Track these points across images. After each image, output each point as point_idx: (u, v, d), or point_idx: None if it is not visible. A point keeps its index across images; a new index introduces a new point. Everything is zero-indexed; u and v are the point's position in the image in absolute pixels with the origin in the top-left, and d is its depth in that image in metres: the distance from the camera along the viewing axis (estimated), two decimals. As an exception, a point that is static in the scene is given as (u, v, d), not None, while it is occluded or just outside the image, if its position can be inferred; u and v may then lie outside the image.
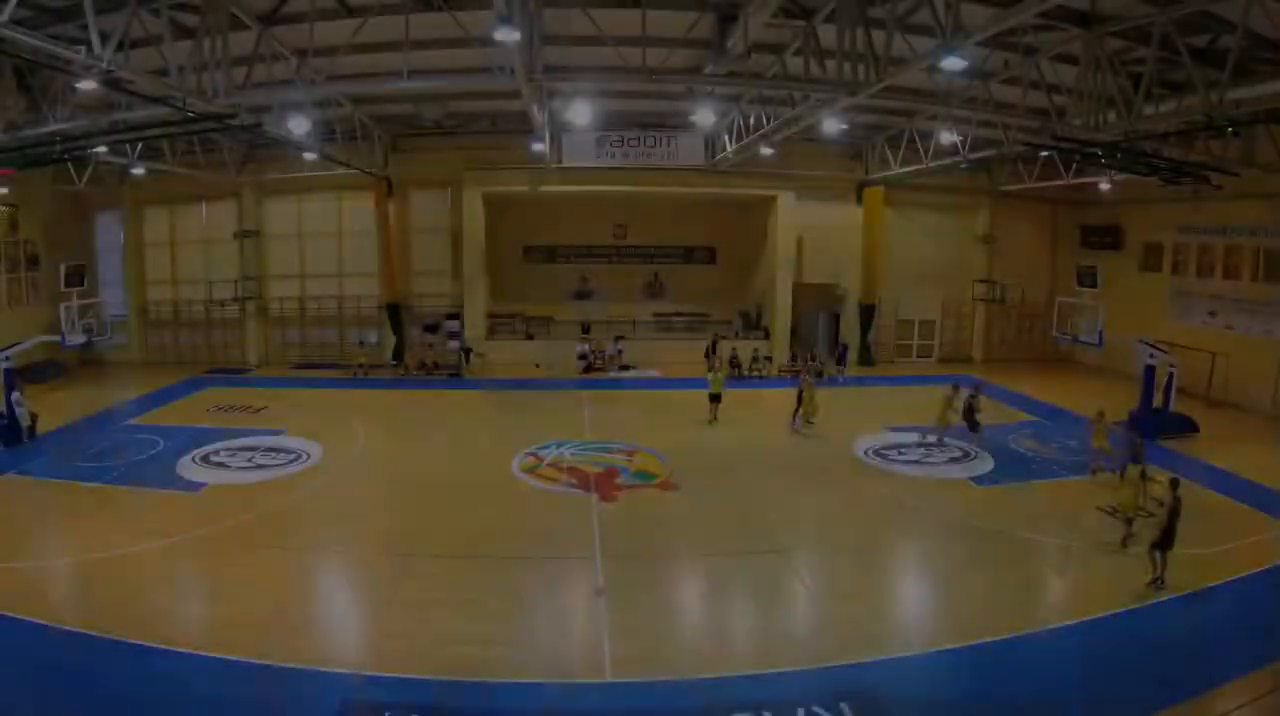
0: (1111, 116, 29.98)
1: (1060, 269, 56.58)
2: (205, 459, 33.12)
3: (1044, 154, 39.47)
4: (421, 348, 55.44)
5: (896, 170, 49.78)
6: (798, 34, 28.65)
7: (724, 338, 55.26)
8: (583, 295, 63.27)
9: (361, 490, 29.81)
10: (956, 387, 35.90)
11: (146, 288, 57.51)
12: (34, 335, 41.58)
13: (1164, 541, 21.59)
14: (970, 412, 35.77)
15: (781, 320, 56.46)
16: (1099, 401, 34.31)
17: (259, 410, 41.88)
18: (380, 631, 19.52)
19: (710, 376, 40.72)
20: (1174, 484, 22.20)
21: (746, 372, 51.71)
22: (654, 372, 53.17)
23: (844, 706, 16.05)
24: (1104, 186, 47.46)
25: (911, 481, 30.91)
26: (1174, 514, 21.54)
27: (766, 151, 42.63)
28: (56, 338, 38.69)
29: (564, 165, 49.30)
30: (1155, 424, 36.25)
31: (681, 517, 27.28)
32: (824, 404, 39.91)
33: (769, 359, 53.66)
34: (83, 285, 39.19)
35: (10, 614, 19.73)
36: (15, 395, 35.31)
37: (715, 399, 40.03)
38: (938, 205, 57.25)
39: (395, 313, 55.92)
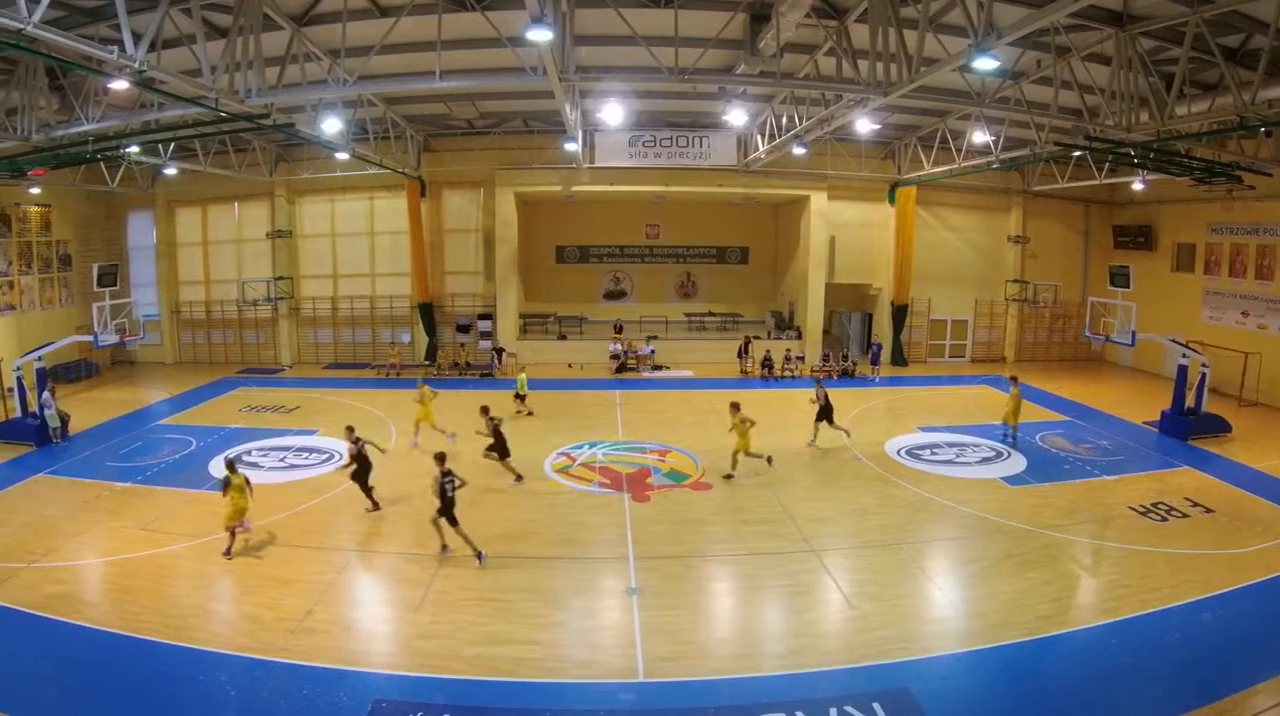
0: (1144, 116, 29.96)
1: (1093, 269, 56.72)
2: (237, 459, 33.17)
3: (1076, 154, 39.27)
4: (454, 348, 55.53)
5: (929, 170, 49.67)
6: (830, 34, 28.67)
7: (756, 338, 55.34)
8: (615, 295, 63.52)
9: (393, 490, 29.59)
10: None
11: (179, 288, 57.83)
12: (67, 335, 41.92)
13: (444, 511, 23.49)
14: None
15: (814, 320, 56.42)
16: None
17: (291, 410, 42.05)
18: (413, 631, 19.52)
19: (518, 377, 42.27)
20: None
21: (779, 373, 51.54)
22: (687, 373, 53.17)
23: (876, 706, 16.05)
24: (1136, 186, 47.30)
25: (944, 481, 30.81)
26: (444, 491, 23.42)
27: (799, 151, 42.48)
28: (89, 338, 38.76)
29: (596, 165, 49.52)
30: (1188, 424, 36.22)
31: (714, 518, 27.22)
32: (856, 404, 39.98)
33: (801, 359, 53.48)
34: (115, 285, 39.40)
35: (43, 613, 19.95)
36: (45, 396, 35.61)
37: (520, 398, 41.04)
38: (970, 205, 57.08)
39: (428, 313, 56.09)
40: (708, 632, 19.83)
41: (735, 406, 31.23)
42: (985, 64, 21.18)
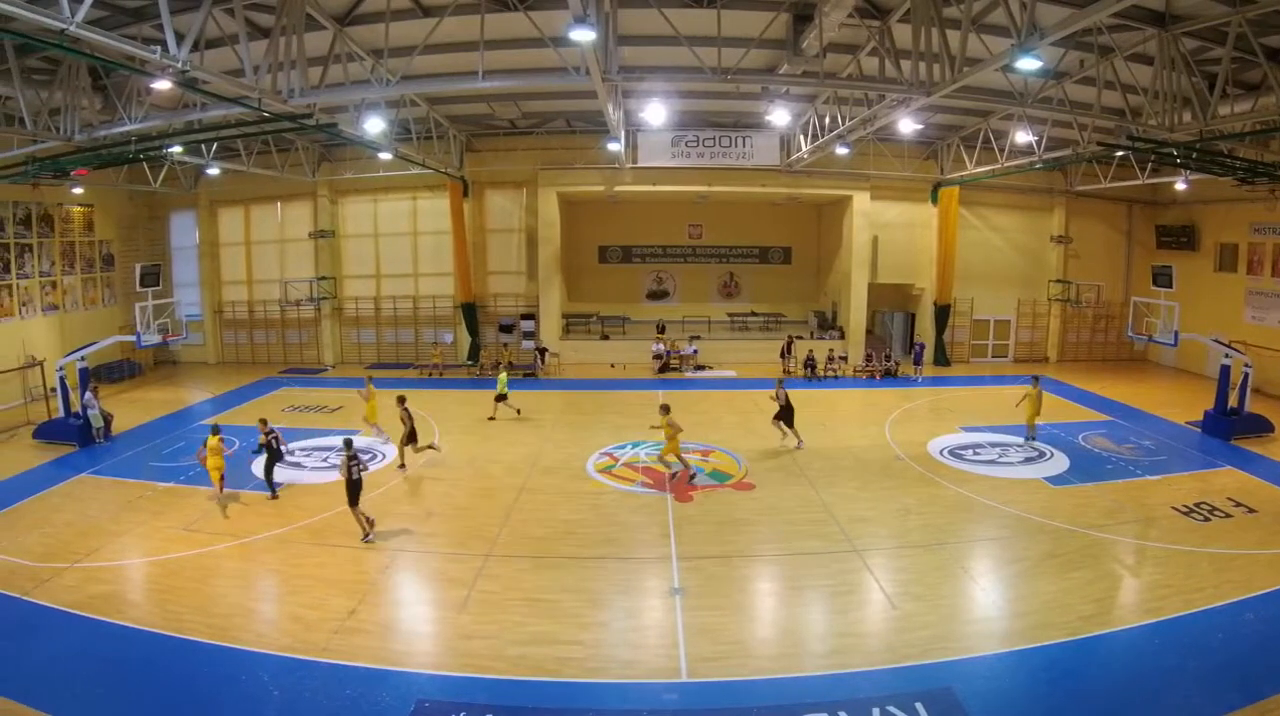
0: (1187, 116, 29.91)
1: (1135, 269, 56.51)
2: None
3: (1119, 154, 39.20)
4: (497, 348, 55.61)
5: (972, 170, 49.51)
6: (873, 34, 28.65)
7: (799, 338, 55.29)
8: (658, 295, 63.80)
9: (436, 490, 29.93)
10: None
11: (222, 288, 58.39)
12: (109, 335, 42.30)
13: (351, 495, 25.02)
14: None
15: (857, 320, 56.41)
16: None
17: (334, 410, 42.28)
18: (456, 631, 19.59)
19: (499, 378, 41.69)
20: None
21: (822, 373, 51.50)
22: (730, 373, 53.23)
23: (919, 706, 16.06)
24: (1179, 186, 47.32)
25: (986, 481, 30.74)
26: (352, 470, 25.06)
27: (842, 151, 42.59)
28: (132, 338, 38.84)
29: (639, 165, 49.74)
30: (1231, 424, 36.07)
31: (757, 517, 27.22)
32: (899, 404, 39.93)
33: (844, 359, 53.51)
34: (158, 285, 39.48)
35: (86, 613, 20.11)
36: (88, 396, 35.83)
37: (502, 398, 40.75)
38: (1012, 205, 56.89)
39: (470, 313, 56.29)
40: (750, 632, 19.86)
41: (665, 408, 31.07)
42: (1028, 64, 21.16)
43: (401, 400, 32.58)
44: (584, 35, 20.28)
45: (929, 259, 56.83)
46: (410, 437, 32.06)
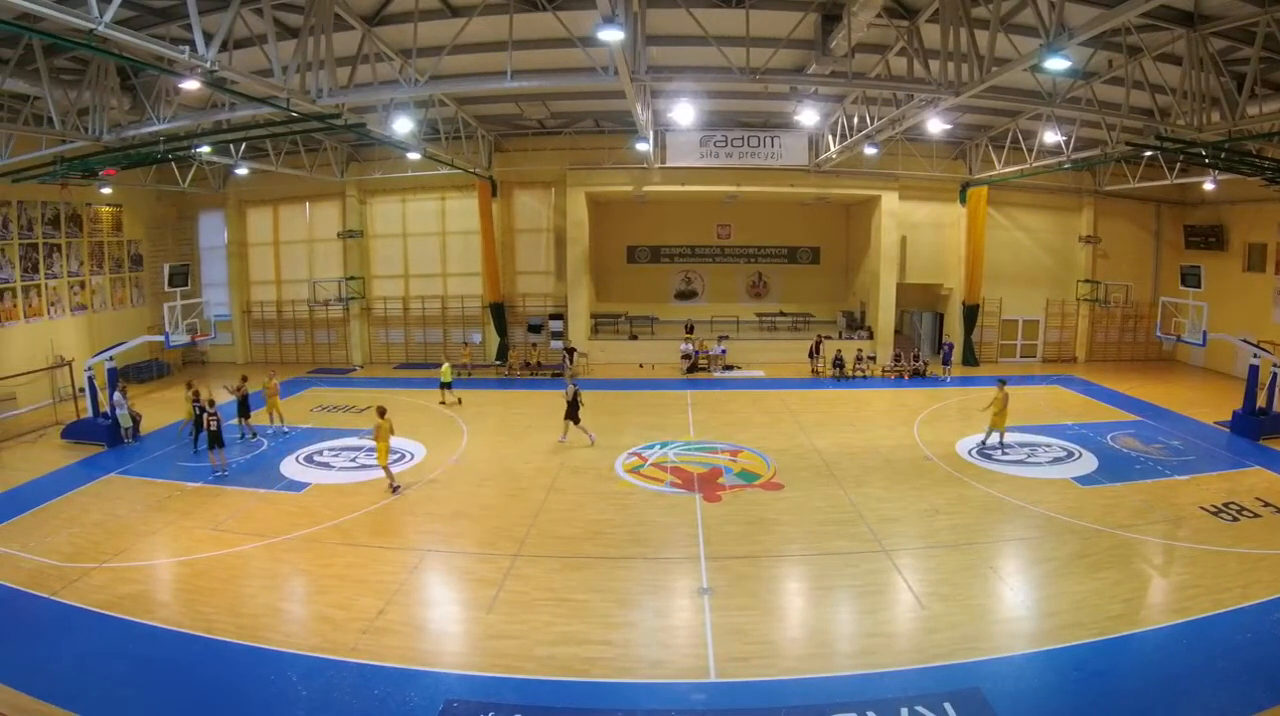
0: (1215, 116, 29.76)
1: (1164, 269, 56.19)
2: (309, 459, 33.65)
3: (1147, 154, 39.10)
4: (525, 347, 55.66)
5: (1000, 170, 49.48)
6: (901, 34, 28.69)
7: (828, 338, 55.27)
8: (686, 295, 63.93)
9: (465, 490, 29.92)
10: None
11: (250, 288, 58.74)
12: (138, 335, 42.56)
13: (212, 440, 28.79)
14: None
15: (885, 320, 56.35)
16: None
17: (363, 410, 42.27)
18: (484, 631, 19.60)
19: (442, 368, 43.90)
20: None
21: (850, 373, 51.45)
22: (758, 373, 53.20)
23: (947, 706, 16.05)
24: (1208, 186, 47.14)
25: (1015, 481, 30.63)
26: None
27: (870, 151, 42.63)
28: (160, 338, 38.82)
29: (667, 165, 49.89)
30: (1259, 424, 35.95)
31: (785, 517, 27.17)
32: (928, 404, 39.79)
33: (872, 359, 53.35)
34: (186, 285, 39.41)
35: (115, 613, 20.22)
36: (116, 396, 36.02)
37: (447, 387, 42.48)
38: (1041, 205, 56.76)
39: (499, 313, 56.41)
40: (779, 632, 19.82)
41: (381, 410, 30.28)
42: (1056, 64, 21.16)
43: (244, 378, 37.29)
44: (612, 35, 20.32)
45: (957, 259, 56.70)
46: (242, 410, 36.20)
